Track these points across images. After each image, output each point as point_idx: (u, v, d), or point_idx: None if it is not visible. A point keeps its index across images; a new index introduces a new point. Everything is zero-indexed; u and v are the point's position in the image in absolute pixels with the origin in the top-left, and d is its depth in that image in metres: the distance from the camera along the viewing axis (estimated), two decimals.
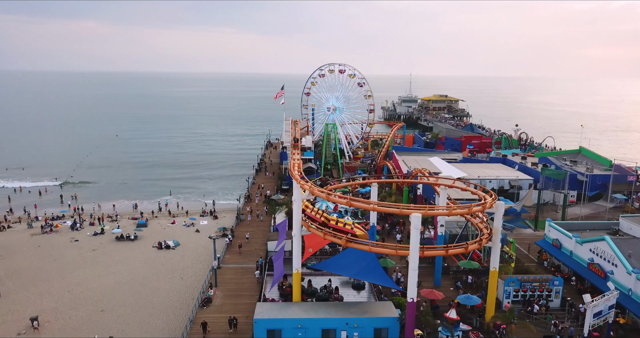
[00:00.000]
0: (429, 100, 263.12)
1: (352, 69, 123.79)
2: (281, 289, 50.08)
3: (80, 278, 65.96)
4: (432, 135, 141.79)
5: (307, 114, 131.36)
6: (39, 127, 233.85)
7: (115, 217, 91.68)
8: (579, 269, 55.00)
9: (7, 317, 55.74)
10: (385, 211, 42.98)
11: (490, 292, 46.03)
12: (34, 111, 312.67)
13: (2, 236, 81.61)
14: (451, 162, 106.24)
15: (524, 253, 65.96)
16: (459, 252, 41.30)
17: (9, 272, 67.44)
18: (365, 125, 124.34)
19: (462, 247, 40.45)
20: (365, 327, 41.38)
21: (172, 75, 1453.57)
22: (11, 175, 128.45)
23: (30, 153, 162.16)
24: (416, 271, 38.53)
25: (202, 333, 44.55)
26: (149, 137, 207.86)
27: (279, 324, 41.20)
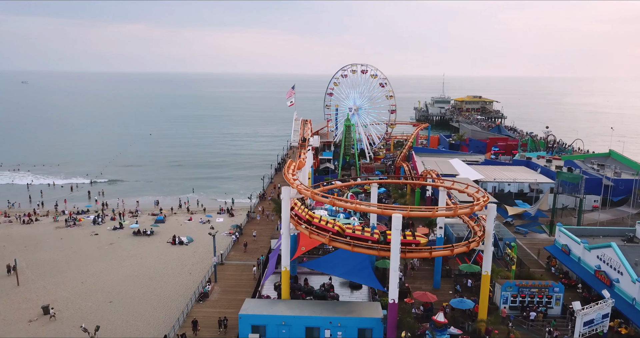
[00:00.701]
0: (462, 101, 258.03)
1: (374, 69, 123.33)
2: (278, 288, 50.59)
3: (94, 270, 68.75)
4: (456, 136, 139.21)
5: (329, 114, 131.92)
6: (81, 125, 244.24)
7: (136, 212, 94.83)
8: (586, 276, 52.95)
9: (22, 305, 58.79)
10: (367, 211, 42.80)
11: (482, 296, 45.04)
12: (80, 111, 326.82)
13: (29, 228, 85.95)
14: (472, 164, 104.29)
15: (533, 259, 64.07)
16: (444, 254, 40.66)
17: (30, 262, 71.02)
18: (387, 125, 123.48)
19: (449, 250, 39.75)
20: (349, 327, 41.35)
21: (214, 76, 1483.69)
22: (47, 171, 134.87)
23: (68, 150, 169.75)
24: (397, 272, 38.25)
25: (192, 331, 45.18)
26: (181, 136, 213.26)
27: (263, 320, 41.75)
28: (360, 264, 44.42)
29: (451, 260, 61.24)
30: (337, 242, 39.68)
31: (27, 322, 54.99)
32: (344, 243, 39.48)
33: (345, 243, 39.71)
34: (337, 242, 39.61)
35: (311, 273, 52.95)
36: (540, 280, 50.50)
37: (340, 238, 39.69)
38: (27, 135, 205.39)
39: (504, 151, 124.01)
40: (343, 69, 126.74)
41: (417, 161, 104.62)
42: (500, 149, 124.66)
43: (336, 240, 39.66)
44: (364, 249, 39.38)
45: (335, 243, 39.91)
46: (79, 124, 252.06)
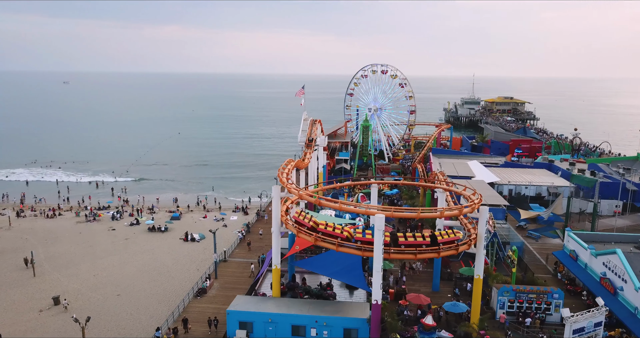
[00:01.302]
0: (493, 103, 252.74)
1: (394, 70, 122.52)
2: None
3: (107, 264, 71.04)
4: (478, 138, 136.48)
5: (349, 115, 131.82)
6: (114, 124, 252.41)
7: (153, 209, 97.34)
8: (590, 284, 51.24)
9: (35, 295, 61.37)
10: (351, 211, 42.59)
11: (474, 301, 44.27)
12: (115, 110, 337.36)
13: (52, 222, 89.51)
14: (490, 166, 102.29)
15: (542, 264, 62.39)
16: (430, 256, 40.07)
17: (48, 255, 74.02)
18: (406, 126, 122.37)
19: (435, 252, 39.22)
20: (334, 326, 41.44)
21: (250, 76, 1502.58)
22: (76, 168, 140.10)
23: (98, 148, 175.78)
24: (380, 273, 38.03)
25: (183, 328, 45.76)
26: (209, 136, 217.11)
27: (251, 317, 42.33)
28: (351, 265, 44.37)
29: (454, 263, 60.37)
30: (346, 247, 39.06)
31: (38, 312, 57.37)
32: (355, 249, 38.83)
33: (356, 249, 39.11)
34: (346, 248, 39.23)
35: (310, 272, 53.23)
36: (539, 286, 49.11)
37: (348, 244, 39.03)
38: (63, 133, 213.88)
39: (528, 153, 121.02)
40: (363, 69, 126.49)
41: (434, 162, 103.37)
42: (523, 151, 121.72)
43: (344, 245, 39.02)
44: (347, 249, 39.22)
45: (344, 248, 39.24)
46: (112, 122, 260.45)
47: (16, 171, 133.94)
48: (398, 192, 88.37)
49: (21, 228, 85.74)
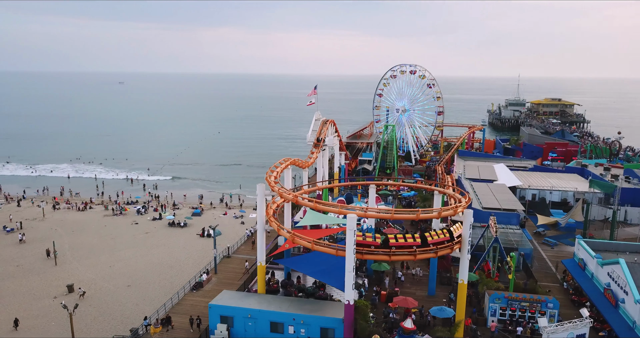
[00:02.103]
0: (539, 104, 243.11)
1: (422, 70, 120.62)
2: (269, 285, 51.71)
3: (124, 256, 74.29)
4: (511, 140, 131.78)
5: (378, 115, 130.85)
6: (160, 123, 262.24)
7: (177, 205, 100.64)
8: (594, 294, 48.62)
9: (53, 282, 65.12)
10: (326, 210, 42.42)
11: (459, 306, 43.12)
12: (165, 109, 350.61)
13: (82, 215, 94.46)
14: (517, 169, 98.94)
15: (551, 272, 59.70)
16: (406, 258, 39.38)
17: (72, 245, 78.26)
18: (434, 127, 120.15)
19: (412, 255, 38.54)
20: (311, 325, 41.56)
21: (297, 77, 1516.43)
22: (114, 165, 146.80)
23: (139, 146, 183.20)
24: (351, 273, 37.82)
25: (162, 326, 46.10)
26: (247, 136, 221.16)
27: (231, 312, 43.17)
28: (334, 266, 44.22)
29: (456, 268, 58.81)
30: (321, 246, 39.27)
31: (52, 298, 60.86)
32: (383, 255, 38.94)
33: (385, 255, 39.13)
34: (320, 247, 39.33)
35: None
36: (540, 294, 47.08)
37: (323, 243, 39.20)
38: (111, 131, 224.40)
39: (563, 157, 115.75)
40: (392, 69, 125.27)
41: (458, 165, 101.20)
42: (558, 155, 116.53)
43: (319, 244, 39.21)
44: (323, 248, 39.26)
45: (319, 247, 39.44)
46: (158, 121, 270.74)
47: (60, 166, 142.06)
48: (415, 194, 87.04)
49: (53, 219, 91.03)
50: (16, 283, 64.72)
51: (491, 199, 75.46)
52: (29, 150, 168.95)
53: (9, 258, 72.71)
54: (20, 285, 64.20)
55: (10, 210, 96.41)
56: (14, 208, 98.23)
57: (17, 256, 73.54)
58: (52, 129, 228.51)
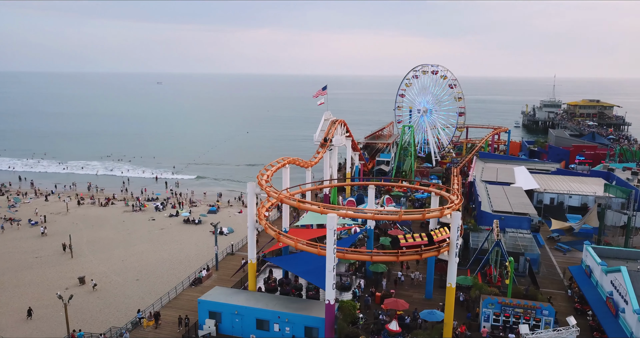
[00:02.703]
0: (576, 106, 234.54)
1: (444, 70, 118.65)
2: (267, 284, 52.23)
3: (137, 251, 76.46)
4: (536, 143, 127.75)
5: (400, 116, 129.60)
6: (193, 122, 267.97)
7: (194, 202, 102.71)
8: (596, 303, 46.72)
9: (66, 274, 67.74)
10: (308, 209, 42.33)
11: (447, 310, 42.28)
12: (199, 109, 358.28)
13: (103, 210, 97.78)
14: (539, 173, 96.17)
15: (559, 279, 57.70)
16: (388, 259, 38.93)
17: (90, 239, 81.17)
18: (455, 128, 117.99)
19: (394, 256, 38.12)
20: (296, 324, 41.72)
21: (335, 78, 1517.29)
22: (141, 163, 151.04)
23: (167, 144, 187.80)
24: (332, 272, 37.72)
25: (154, 322, 47.10)
26: (276, 136, 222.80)
27: (219, 308, 43.84)
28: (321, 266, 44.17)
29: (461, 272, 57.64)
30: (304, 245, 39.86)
31: (64, 289, 63.24)
32: (290, 240, 39.58)
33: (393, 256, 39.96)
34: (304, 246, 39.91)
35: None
36: (532, 300, 45.60)
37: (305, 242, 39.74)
38: (145, 130, 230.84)
39: (591, 160, 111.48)
40: (414, 69, 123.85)
41: (476, 167, 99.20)
42: (586, 158, 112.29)
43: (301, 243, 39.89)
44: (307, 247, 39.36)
45: (303, 247, 40.01)
46: (191, 121, 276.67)
47: (91, 163, 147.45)
48: (429, 196, 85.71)
49: (76, 214, 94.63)
50: (33, 274, 67.69)
51: (503, 202, 73.56)
52: (63, 148, 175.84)
53: (30, 250, 76.09)
54: (37, 276, 67.10)
55: (38, 204, 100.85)
56: (42, 202, 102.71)
57: (38, 248, 76.86)
58: (89, 128, 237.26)
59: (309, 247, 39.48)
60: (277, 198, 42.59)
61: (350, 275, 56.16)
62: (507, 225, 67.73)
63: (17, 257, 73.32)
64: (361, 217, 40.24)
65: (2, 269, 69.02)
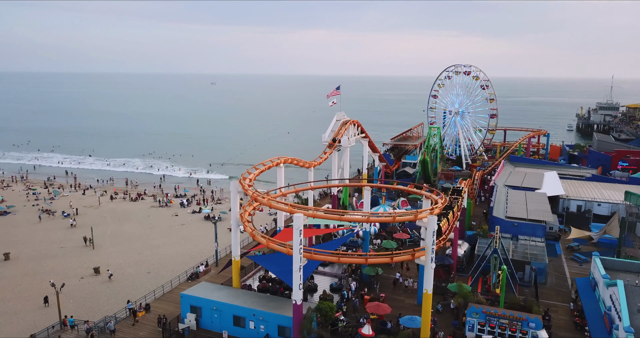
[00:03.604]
0: (636, 108, 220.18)
1: (477, 70, 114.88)
2: (261, 283, 52.81)
3: (154, 245, 79.34)
4: (576, 147, 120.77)
5: (433, 117, 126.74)
6: (240, 121, 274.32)
7: (220, 200, 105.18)
8: (592, 318, 43.80)
9: (85, 264, 71.31)
10: (278, 208, 42.18)
11: (424, 317, 41.01)
12: (248, 109, 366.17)
13: (132, 205, 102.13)
14: (571, 178, 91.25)
15: (566, 291, 54.54)
16: (356, 261, 38.22)
17: (113, 232, 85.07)
18: (486, 131, 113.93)
19: (363, 258, 37.46)
20: (270, 322, 41.92)
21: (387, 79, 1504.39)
22: (181, 161, 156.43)
23: (210, 144, 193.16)
24: (298, 272, 37.58)
25: (132, 318, 48.36)
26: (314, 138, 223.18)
27: (200, 303, 44.79)
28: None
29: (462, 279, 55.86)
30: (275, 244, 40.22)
31: (79, 278, 66.80)
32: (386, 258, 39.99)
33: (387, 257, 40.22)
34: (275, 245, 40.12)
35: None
36: (526, 312, 43.32)
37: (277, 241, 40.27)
38: (191, 130, 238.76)
39: (635, 167, 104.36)
40: (447, 70, 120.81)
41: (504, 171, 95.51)
42: (630, 164, 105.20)
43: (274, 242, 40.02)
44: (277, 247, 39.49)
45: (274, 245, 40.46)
46: (237, 120, 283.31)
47: (132, 160, 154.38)
48: None
49: (107, 208, 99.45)
50: (55, 263, 71.80)
51: (520, 209, 70.33)
52: (110, 145, 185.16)
53: (57, 240, 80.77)
54: (58, 265, 71.13)
55: (75, 197, 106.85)
56: (79, 196, 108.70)
57: (65, 239, 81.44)
58: (138, 127, 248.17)
59: (279, 246, 39.57)
60: (252, 196, 43.00)
61: (345, 277, 55.82)
62: (520, 232, 64.83)
63: (44, 246, 78.06)
64: (329, 218, 39.81)
65: (29, 257, 73.68)
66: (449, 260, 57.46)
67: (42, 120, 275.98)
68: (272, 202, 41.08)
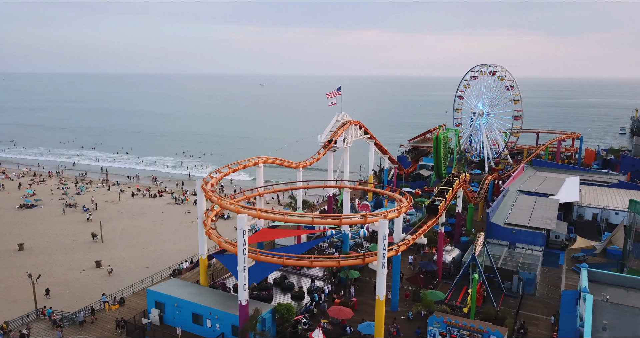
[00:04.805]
0: None
1: (502, 70, 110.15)
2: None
3: (160, 240, 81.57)
4: (610, 151, 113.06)
5: (459, 118, 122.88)
6: (280, 122, 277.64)
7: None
8: (565, 333, 40.74)
9: (90, 257, 74.20)
10: (226, 208, 41.83)
11: (377, 324, 39.69)
12: (293, 110, 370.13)
13: (150, 202, 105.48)
14: (594, 184, 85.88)
15: (555, 303, 51.11)
16: (300, 263, 37.46)
17: (125, 227, 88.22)
18: (509, 133, 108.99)
19: (307, 260, 36.73)
20: (224, 321, 41.97)
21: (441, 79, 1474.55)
22: (211, 159, 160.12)
23: (243, 144, 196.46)
24: (242, 273, 37.39)
25: (91, 316, 48.84)
26: None
27: (163, 298, 45.52)
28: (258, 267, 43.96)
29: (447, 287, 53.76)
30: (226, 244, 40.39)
31: (81, 270, 69.71)
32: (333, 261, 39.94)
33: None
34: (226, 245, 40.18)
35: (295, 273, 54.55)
36: (475, 322, 40.97)
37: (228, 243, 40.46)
38: (228, 130, 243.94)
39: None
40: (473, 70, 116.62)
41: (522, 176, 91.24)
42: None
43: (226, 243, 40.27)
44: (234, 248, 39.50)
45: (225, 246, 40.60)
46: (279, 120, 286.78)
47: (164, 158, 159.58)
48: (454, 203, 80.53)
49: (125, 204, 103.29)
50: (64, 255, 75.28)
51: (523, 215, 66.81)
52: (148, 144, 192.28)
53: (72, 233, 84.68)
54: (66, 257, 74.55)
55: (100, 193, 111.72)
56: (104, 192, 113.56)
57: (78, 232, 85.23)
58: (179, 128, 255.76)
59: (228, 246, 39.60)
60: (206, 195, 43.26)
61: (324, 279, 55.10)
62: (519, 239, 61.69)
63: (58, 239, 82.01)
64: (273, 218, 39.27)
65: (42, 248, 77.67)
66: (433, 266, 55.44)
67: (91, 119, 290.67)
68: (224, 202, 41.21)
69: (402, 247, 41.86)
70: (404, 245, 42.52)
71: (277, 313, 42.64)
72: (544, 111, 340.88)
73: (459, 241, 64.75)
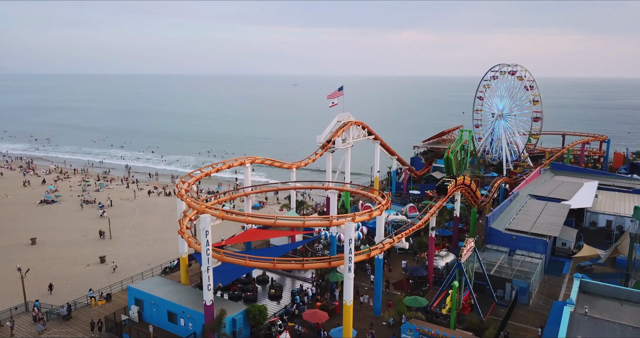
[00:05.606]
0: None
1: (522, 70, 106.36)
2: None
3: (166, 238, 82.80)
4: (637, 155, 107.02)
5: (479, 119, 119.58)
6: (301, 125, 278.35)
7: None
8: None
9: (97, 253, 76.07)
10: (191, 206, 41.59)
11: (345, 329, 38.72)
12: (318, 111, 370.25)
13: (163, 200, 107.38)
14: (615, 190, 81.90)
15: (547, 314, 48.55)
16: (265, 266, 36.86)
17: (135, 224, 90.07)
18: (528, 135, 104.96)
19: (270, 263, 36.17)
20: (196, 321, 41.94)
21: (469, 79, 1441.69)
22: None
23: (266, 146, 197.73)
24: (206, 273, 37.22)
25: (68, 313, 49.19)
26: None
27: (142, 296, 45.98)
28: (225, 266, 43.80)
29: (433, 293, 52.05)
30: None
31: (85, 266, 71.51)
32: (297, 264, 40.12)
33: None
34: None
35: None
36: (451, 332, 39.34)
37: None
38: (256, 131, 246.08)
39: None
40: (492, 70, 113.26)
41: (537, 180, 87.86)
42: None
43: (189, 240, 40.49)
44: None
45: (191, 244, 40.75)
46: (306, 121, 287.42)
47: (186, 157, 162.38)
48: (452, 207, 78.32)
49: (139, 201, 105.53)
50: (72, 250, 77.42)
51: (527, 221, 64.04)
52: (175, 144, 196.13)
53: (84, 229, 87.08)
54: (73, 252, 76.67)
55: (118, 190, 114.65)
56: (122, 189, 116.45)
57: (90, 228, 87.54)
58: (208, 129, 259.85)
59: (197, 246, 39.58)
60: (177, 194, 43.31)
61: (312, 281, 54.44)
62: (519, 246, 59.27)
63: (70, 234, 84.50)
64: (235, 220, 38.82)
65: (53, 243, 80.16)
66: (423, 271, 53.83)
67: (123, 119, 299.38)
68: (192, 202, 41.33)
69: (374, 252, 40.67)
70: (378, 250, 41.32)
71: (247, 314, 42.29)
72: (582, 113, 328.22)
73: (456, 246, 62.74)
